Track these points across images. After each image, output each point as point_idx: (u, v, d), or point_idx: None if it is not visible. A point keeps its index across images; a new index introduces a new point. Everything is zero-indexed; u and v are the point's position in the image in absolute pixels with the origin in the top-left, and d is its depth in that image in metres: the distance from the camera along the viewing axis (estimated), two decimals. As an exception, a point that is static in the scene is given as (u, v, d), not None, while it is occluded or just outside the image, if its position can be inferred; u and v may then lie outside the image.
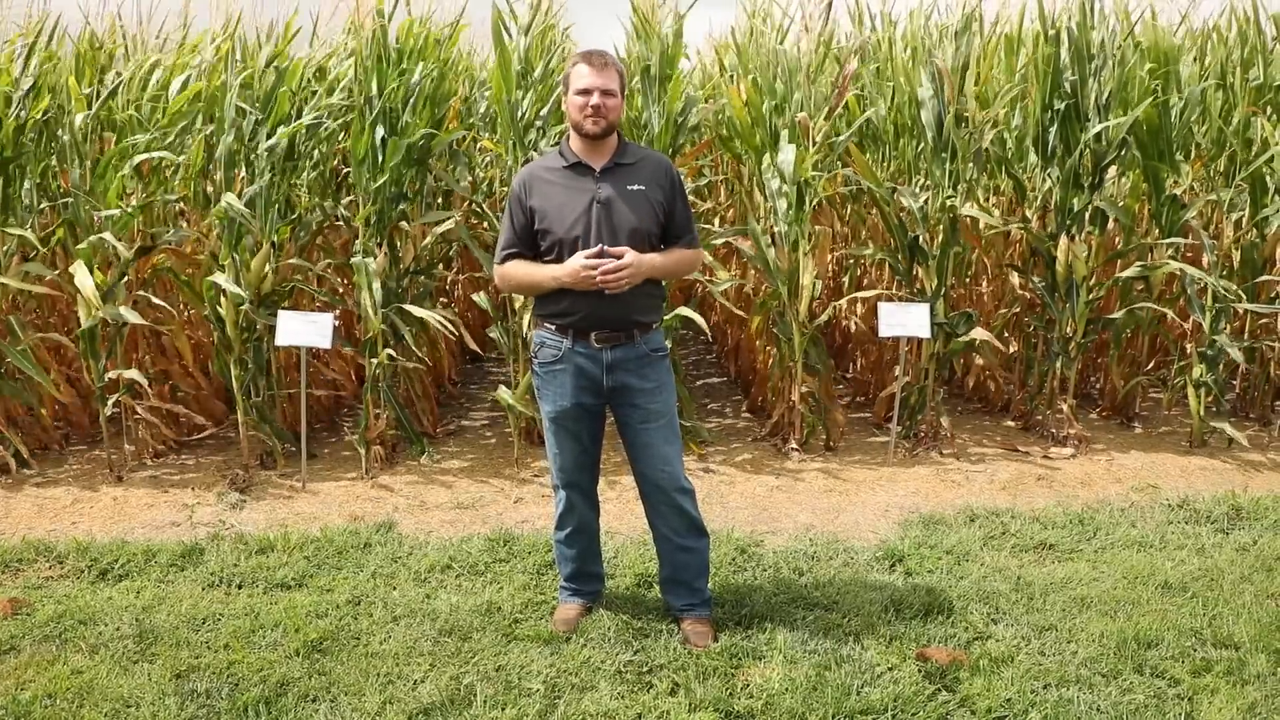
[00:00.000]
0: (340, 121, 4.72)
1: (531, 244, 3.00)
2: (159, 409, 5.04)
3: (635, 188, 2.95)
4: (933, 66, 4.91)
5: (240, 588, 3.58)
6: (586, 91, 2.88)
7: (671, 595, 3.22)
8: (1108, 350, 5.58)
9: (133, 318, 4.43)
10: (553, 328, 3.01)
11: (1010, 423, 5.73)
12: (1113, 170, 5.53)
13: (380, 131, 4.48)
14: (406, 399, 5.44)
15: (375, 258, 4.76)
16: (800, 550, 3.82)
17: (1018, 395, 5.81)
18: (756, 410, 5.91)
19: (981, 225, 5.19)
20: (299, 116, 4.57)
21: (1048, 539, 3.91)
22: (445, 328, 4.48)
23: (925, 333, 4.84)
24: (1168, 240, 5.14)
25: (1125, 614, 3.27)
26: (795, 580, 3.55)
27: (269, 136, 4.39)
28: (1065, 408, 5.22)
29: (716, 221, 6.73)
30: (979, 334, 5.03)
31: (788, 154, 4.72)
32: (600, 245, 2.87)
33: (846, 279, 6.11)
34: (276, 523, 4.25)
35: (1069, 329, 5.19)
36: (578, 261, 2.85)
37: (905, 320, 4.78)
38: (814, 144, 4.77)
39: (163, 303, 4.85)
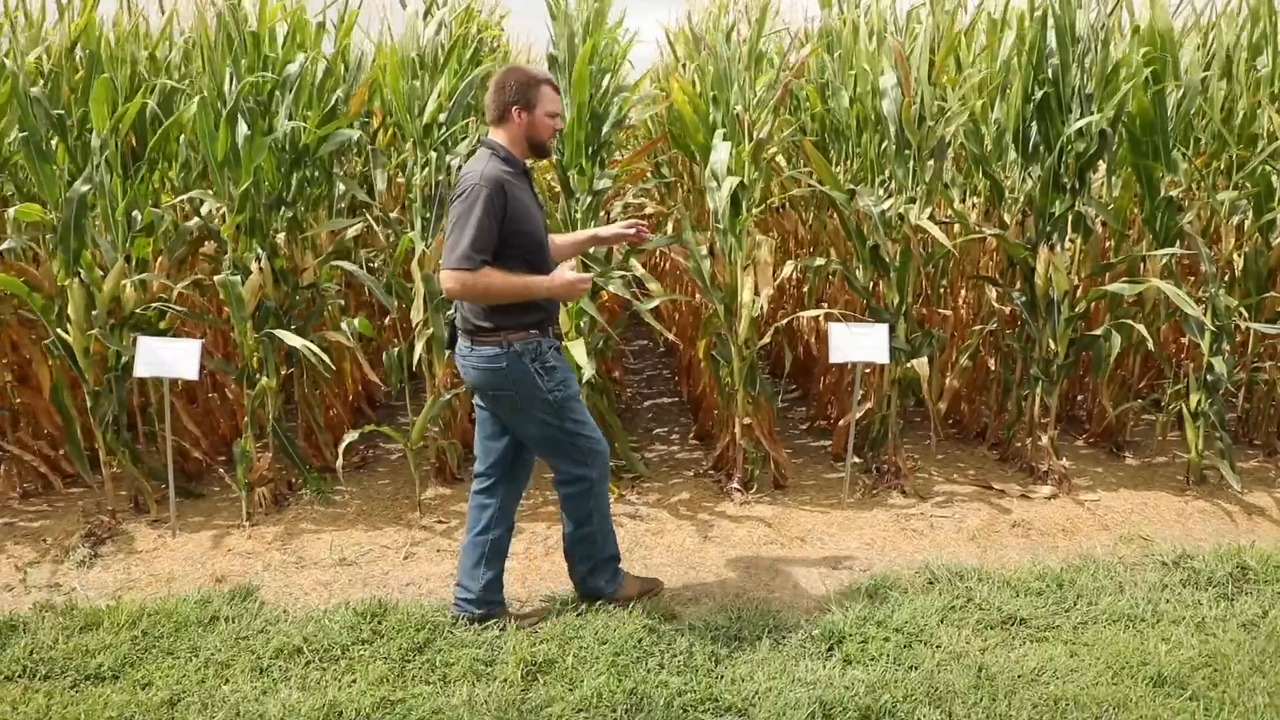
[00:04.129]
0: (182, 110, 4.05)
1: (498, 248, 3.02)
2: (19, 456, 4.43)
3: None
4: (891, 52, 4.27)
5: (46, 679, 2.97)
6: (555, 115, 3.09)
7: None
8: (1092, 371, 4.95)
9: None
10: (536, 332, 3.12)
11: (986, 451, 5.13)
12: (1101, 169, 4.92)
13: (242, 129, 3.84)
14: (306, 430, 4.84)
15: (252, 273, 4.15)
16: (721, 628, 3.20)
17: (994, 422, 5.20)
18: (705, 437, 5.30)
19: (934, 237, 4.41)
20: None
21: (1018, 611, 3.30)
22: (320, 356, 3.84)
23: (882, 358, 4.21)
24: (1162, 251, 4.53)
25: None
26: (709, 672, 2.94)
27: (92, 130, 3.75)
28: (1046, 440, 4.60)
29: (670, 227, 6.12)
30: (919, 366, 4.40)
31: (722, 153, 4.10)
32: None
33: (808, 290, 5.49)
34: (126, 583, 3.65)
35: (1049, 349, 4.58)
36: (573, 275, 3.06)
37: (859, 344, 4.14)
38: (751, 140, 4.14)
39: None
